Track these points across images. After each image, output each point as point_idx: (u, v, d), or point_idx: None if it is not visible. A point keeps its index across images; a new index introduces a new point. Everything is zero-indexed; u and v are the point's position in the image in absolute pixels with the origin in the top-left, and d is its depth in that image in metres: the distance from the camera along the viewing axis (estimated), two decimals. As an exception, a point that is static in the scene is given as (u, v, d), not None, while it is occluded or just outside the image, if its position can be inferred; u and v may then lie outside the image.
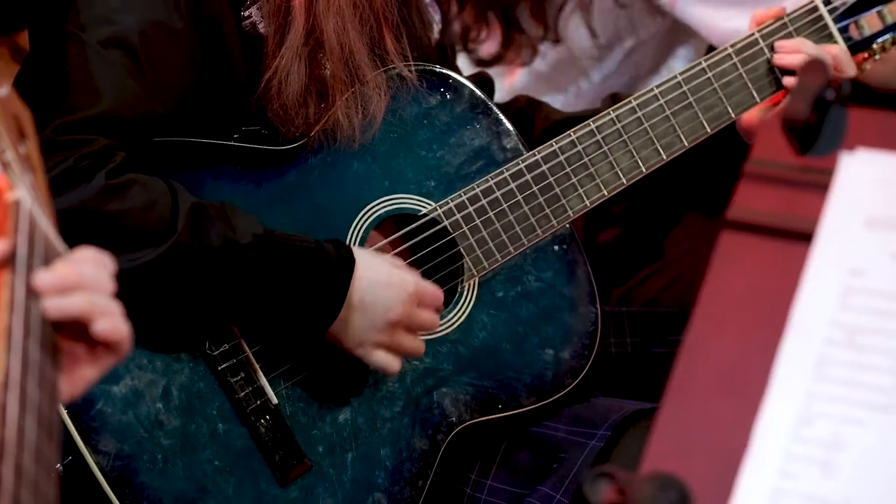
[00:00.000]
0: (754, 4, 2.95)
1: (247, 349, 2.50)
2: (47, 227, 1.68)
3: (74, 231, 1.77)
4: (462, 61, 3.27)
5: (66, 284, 1.64)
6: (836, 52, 2.70)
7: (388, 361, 2.52)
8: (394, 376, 2.55)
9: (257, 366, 2.50)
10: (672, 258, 3.15)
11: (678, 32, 3.31)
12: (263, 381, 2.50)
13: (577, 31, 3.25)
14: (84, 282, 1.66)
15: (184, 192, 2.42)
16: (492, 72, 3.25)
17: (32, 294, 1.62)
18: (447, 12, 3.27)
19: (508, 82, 3.32)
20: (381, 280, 2.51)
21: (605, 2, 3.20)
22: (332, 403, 2.55)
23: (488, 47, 3.27)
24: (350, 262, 2.48)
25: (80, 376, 1.71)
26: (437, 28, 2.78)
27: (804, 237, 1.64)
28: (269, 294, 2.44)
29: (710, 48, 3.16)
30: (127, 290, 1.75)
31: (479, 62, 3.26)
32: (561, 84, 3.32)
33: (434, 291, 2.55)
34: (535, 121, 2.84)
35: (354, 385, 2.56)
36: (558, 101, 3.30)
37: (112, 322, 1.68)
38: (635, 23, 3.25)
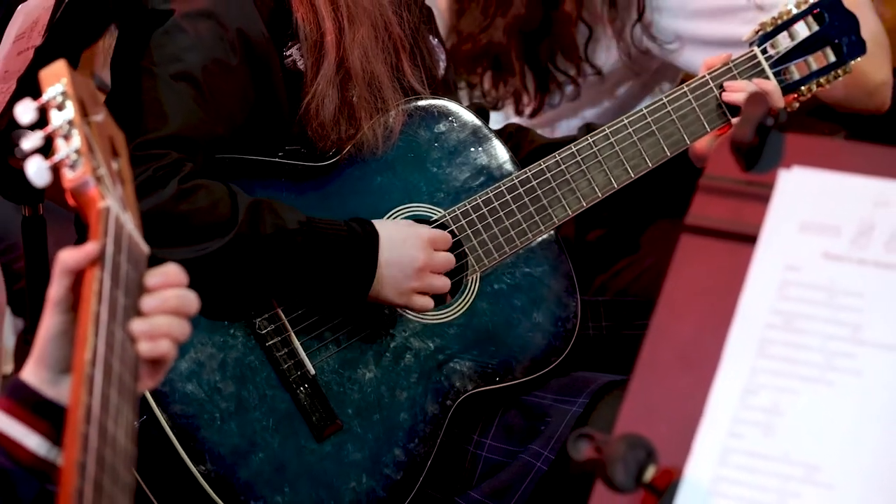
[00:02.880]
0: (740, 46, 2.93)
1: (290, 329, 2.50)
2: (132, 230, 1.68)
3: (154, 229, 1.77)
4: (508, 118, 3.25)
5: (155, 333, 1.65)
6: (770, 87, 2.69)
7: (424, 302, 2.54)
8: (429, 310, 2.56)
9: (298, 343, 2.50)
10: (639, 256, 3.14)
11: (663, 72, 3.29)
12: (303, 355, 2.50)
13: (604, 55, 3.21)
14: (169, 333, 1.66)
15: (241, 193, 2.43)
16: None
17: (128, 335, 1.63)
18: (475, 86, 3.24)
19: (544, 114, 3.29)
20: (400, 238, 2.51)
21: (625, 42, 3.15)
22: (360, 375, 2.55)
23: (530, 106, 3.23)
24: (374, 235, 2.49)
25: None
26: (442, 66, 2.78)
27: (749, 239, 1.64)
28: (315, 269, 2.45)
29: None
30: (198, 274, 1.76)
31: (532, 115, 3.23)
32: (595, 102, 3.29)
33: (444, 234, 2.57)
34: (522, 144, 2.84)
35: (378, 360, 2.56)
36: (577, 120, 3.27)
37: (171, 362, 1.70)
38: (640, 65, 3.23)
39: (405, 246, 2.51)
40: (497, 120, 3.20)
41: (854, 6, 2.74)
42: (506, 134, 2.84)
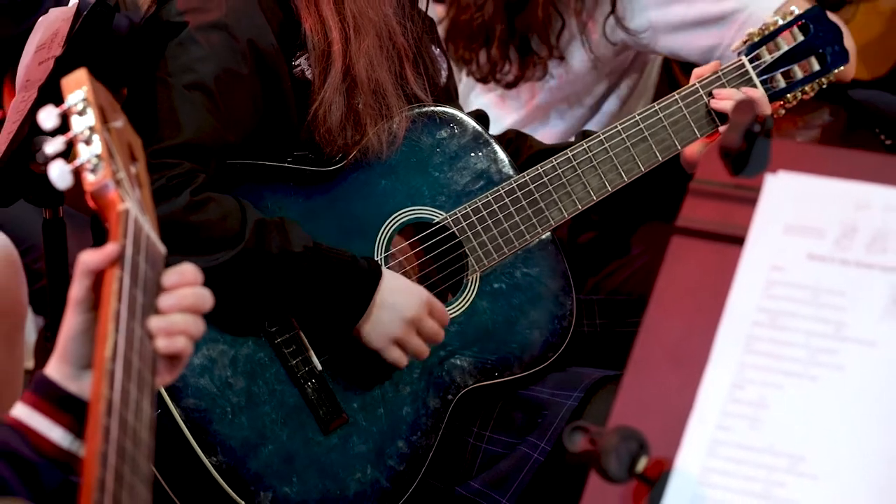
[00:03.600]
0: (714, 24, 2.93)
1: (297, 327, 2.50)
2: (150, 231, 1.69)
3: (165, 237, 1.77)
4: (488, 89, 3.35)
5: (172, 330, 1.66)
6: (757, 95, 2.71)
7: (399, 357, 2.51)
8: (401, 369, 2.53)
9: (306, 340, 2.50)
10: (632, 256, 3.15)
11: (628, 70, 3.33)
12: (311, 352, 2.50)
13: (575, 55, 3.24)
14: (185, 329, 1.68)
15: (251, 209, 2.43)
16: (515, 101, 3.27)
17: (147, 332, 1.64)
18: (469, 62, 3.28)
19: (532, 103, 3.32)
20: (401, 287, 2.50)
21: (596, 38, 3.19)
22: (365, 370, 2.55)
23: (510, 75, 3.27)
24: (377, 273, 2.48)
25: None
26: (444, 74, 2.79)
27: (737, 240, 1.65)
28: (313, 294, 2.44)
29: (661, 93, 3.15)
30: (205, 283, 1.76)
31: (507, 85, 3.27)
32: (572, 100, 3.32)
33: (442, 308, 2.54)
34: (521, 149, 2.84)
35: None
36: (577, 114, 3.31)
37: (187, 358, 1.71)
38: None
39: (404, 295, 2.49)
40: (484, 92, 3.31)
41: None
42: (505, 140, 2.85)
